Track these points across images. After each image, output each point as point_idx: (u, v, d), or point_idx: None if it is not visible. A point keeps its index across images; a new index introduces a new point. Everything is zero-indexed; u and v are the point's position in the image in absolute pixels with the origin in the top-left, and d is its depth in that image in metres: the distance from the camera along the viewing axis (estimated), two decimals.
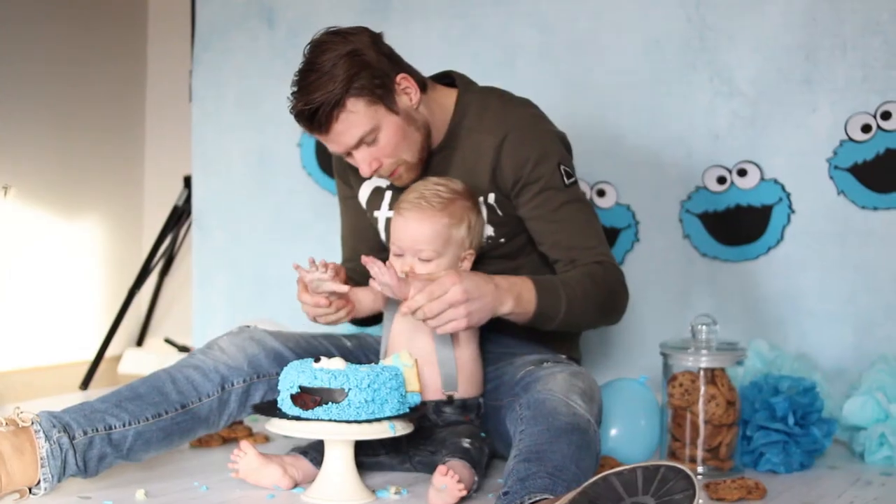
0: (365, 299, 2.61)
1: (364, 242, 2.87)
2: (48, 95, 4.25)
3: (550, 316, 2.50)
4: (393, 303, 2.60)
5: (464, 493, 2.30)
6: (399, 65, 2.58)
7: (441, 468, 2.29)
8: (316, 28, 2.58)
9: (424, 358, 2.52)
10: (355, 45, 2.50)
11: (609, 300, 2.62)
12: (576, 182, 2.66)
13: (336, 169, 2.88)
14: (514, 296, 2.42)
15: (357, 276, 2.82)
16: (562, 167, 2.62)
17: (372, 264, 2.34)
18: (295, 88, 2.51)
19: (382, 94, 2.51)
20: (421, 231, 2.49)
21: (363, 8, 3.65)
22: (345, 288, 2.51)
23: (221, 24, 3.89)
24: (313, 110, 2.47)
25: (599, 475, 1.94)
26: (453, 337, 2.52)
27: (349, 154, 2.57)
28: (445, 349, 2.51)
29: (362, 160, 2.55)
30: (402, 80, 2.55)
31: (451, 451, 2.42)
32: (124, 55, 4.58)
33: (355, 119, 2.49)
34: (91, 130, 4.42)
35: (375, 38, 2.56)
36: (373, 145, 2.54)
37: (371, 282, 2.38)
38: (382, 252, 2.78)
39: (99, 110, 4.46)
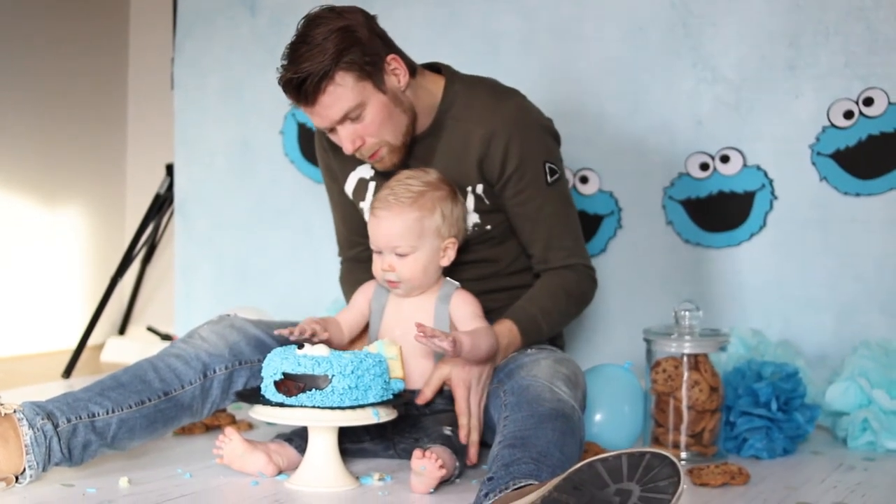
0: (341, 338, 2.62)
1: (357, 233, 2.86)
2: (30, 83, 4.23)
3: (532, 343, 2.63)
4: (381, 291, 2.61)
5: (443, 472, 2.30)
6: (391, 46, 2.59)
7: (417, 451, 2.29)
8: (298, 16, 2.57)
9: (420, 348, 2.52)
10: (349, 22, 2.51)
11: (582, 304, 2.75)
12: (560, 178, 2.68)
13: (321, 161, 2.87)
14: (504, 353, 2.55)
15: (360, 267, 2.82)
16: (546, 165, 2.65)
17: (429, 340, 2.34)
18: (285, 60, 2.52)
19: (372, 71, 2.51)
20: (392, 228, 2.50)
21: None
22: (325, 335, 2.52)
23: (204, 12, 3.88)
24: (301, 80, 2.47)
25: (584, 461, 1.94)
26: (451, 330, 2.54)
27: (332, 130, 2.57)
28: None
29: (346, 136, 2.56)
30: (392, 61, 2.56)
31: (433, 438, 2.43)
32: (106, 43, 4.57)
33: (342, 93, 2.49)
34: (73, 118, 4.41)
35: (369, 18, 2.57)
36: (357, 122, 2.54)
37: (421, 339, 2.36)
38: None
39: (81, 98, 4.45)
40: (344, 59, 2.47)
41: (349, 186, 2.80)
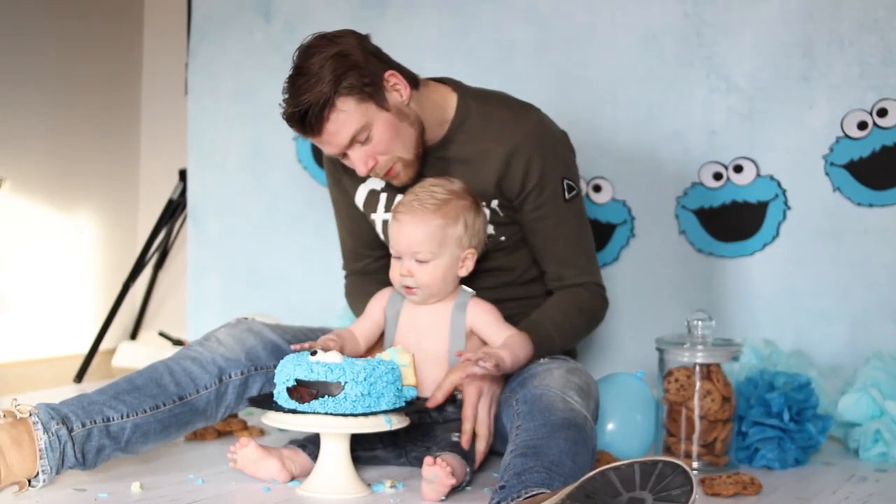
0: (357, 349, 2.62)
1: (365, 245, 2.87)
2: (44, 88, 4.24)
3: (544, 355, 2.60)
4: (396, 298, 2.60)
5: (453, 481, 2.30)
6: (387, 63, 2.59)
7: (428, 459, 2.30)
8: (312, 22, 2.58)
9: (434, 356, 2.53)
10: (342, 47, 2.51)
11: (593, 323, 2.76)
12: (577, 195, 2.69)
13: (329, 174, 2.87)
14: (516, 364, 2.50)
15: (367, 279, 2.83)
16: (565, 181, 2.66)
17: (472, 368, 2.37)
18: (286, 95, 2.53)
19: (372, 91, 2.51)
20: (415, 233, 2.50)
21: (359, 3, 3.64)
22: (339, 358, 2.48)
23: (217, 18, 3.88)
24: (303, 112, 2.48)
25: (597, 470, 1.94)
26: (467, 339, 2.54)
27: (344, 155, 2.57)
28: (457, 349, 2.52)
29: (358, 159, 2.56)
30: (391, 77, 2.56)
31: (442, 446, 2.44)
32: (120, 48, 4.58)
33: (346, 118, 2.50)
34: (86, 123, 4.42)
35: (362, 39, 2.57)
36: (366, 143, 2.54)
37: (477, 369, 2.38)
38: (383, 250, 2.79)
39: (94, 103, 4.46)
40: (342, 84, 2.47)
41: (359, 199, 2.80)
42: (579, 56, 3.42)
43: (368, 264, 2.88)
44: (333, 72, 2.47)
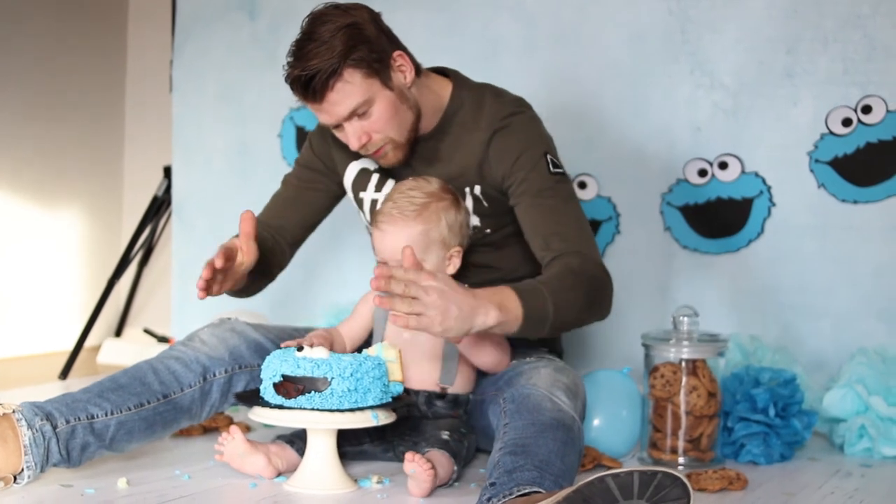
0: (343, 350, 2.62)
1: (293, 219, 2.85)
2: (28, 86, 4.23)
3: (541, 318, 2.32)
4: None
5: (431, 474, 2.29)
6: (396, 43, 2.60)
7: (408, 454, 2.29)
8: (297, 20, 2.57)
9: (429, 351, 2.52)
10: (356, 19, 2.51)
11: (592, 290, 2.47)
12: (563, 175, 2.64)
13: (316, 147, 2.84)
14: (497, 304, 2.23)
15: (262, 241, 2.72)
16: (548, 156, 2.61)
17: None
18: (291, 57, 2.51)
19: (379, 68, 2.52)
20: (398, 242, 2.49)
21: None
22: (326, 353, 2.37)
23: (202, 15, 3.88)
24: (309, 77, 2.47)
25: (595, 476, 1.92)
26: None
27: (338, 127, 2.57)
28: (451, 343, 2.51)
29: (352, 133, 2.56)
30: (399, 58, 2.57)
31: (431, 443, 2.44)
32: (105, 45, 4.57)
33: (350, 90, 2.50)
34: (71, 120, 4.41)
35: (375, 16, 2.58)
36: (364, 118, 2.54)
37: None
38: (309, 231, 2.87)
39: (79, 100, 4.45)
40: (352, 56, 2.47)
41: (349, 175, 2.80)
42: (565, 53, 3.42)
43: (274, 230, 2.84)
44: (345, 42, 2.46)
